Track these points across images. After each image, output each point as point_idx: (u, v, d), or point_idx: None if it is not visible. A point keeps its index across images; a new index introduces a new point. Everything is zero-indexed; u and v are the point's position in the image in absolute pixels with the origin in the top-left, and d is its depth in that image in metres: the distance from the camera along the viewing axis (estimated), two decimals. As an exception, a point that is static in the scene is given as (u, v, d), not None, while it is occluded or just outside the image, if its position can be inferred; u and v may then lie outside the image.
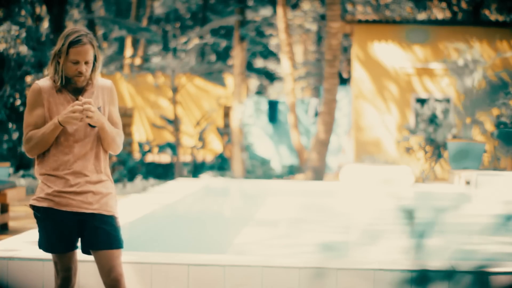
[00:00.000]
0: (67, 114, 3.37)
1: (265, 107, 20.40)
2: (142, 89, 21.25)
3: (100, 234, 3.46)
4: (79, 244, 3.60)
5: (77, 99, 3.48)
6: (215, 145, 20.70)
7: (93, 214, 3.47)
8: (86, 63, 3.43)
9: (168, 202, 7.86)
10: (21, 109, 14.81)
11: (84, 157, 3.47)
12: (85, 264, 4.25)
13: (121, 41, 28.31)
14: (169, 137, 19.51)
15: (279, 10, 17.55)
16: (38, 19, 17.45)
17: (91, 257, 3.79)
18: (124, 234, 3.62)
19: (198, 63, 23.14)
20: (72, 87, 3.51)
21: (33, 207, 3.50)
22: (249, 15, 23.57)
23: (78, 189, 3.45)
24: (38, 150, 3.46)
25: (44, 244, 3.53)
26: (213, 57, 27.67)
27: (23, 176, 14.61)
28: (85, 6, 22.70)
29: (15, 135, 15.30)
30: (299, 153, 17.51)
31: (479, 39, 16.10)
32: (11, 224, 8.71)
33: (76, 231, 3.50)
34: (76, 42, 3.39)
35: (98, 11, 27.53)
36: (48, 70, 3.50)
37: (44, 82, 3.51)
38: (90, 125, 3.48)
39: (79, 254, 3.65)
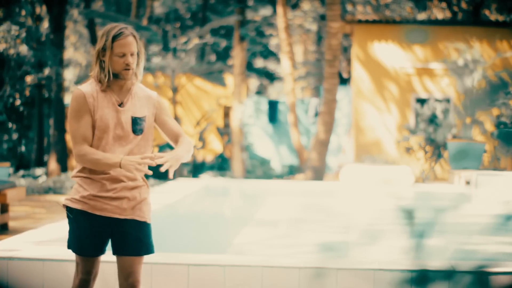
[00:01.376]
0: (133, 164, 3.33)
1: (265, 107, 20.40)
2: (142, 89, 21.23)
3: (130, 240, 3.43)
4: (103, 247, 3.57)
5: (121, 103, 3.45)
6: (215, 145, 20.70)
7: (125, 219, 3.44)
8: (132, 55, 3.40)
9: (168, 202, 7.86)
10: (21, 109, 14.81)
11: None
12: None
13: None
14: (169, 137, 19.49)
15: (279, 9, 17.55)
16: (38, 19, 17.46)
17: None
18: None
19: (198, 63, 23.13)
20: (117, 86, 3.46)
21: (66, 207, 3.47)
22: (249, 15, 23.58)
23: (114, 194, 3.41)
24: (89, 167, 3.42)
25: (73, 245, 3.48)
26: (213, 57, 27.66)
27: (23, 176, 14.61)
28: (85, 6, 22.69)
29: (15, 135, 15.30)
30: (299, 153, 17.51)
31: (479, 39, 16.10)
32: (11, 224, 8.71)
33: (107, 236, 3.47)
34: (119, 35, 3.37)
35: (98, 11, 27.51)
36: (93, 71, 3.44)
37: (86, 87, 3.44)
38: (134, 132, 3.46)
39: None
